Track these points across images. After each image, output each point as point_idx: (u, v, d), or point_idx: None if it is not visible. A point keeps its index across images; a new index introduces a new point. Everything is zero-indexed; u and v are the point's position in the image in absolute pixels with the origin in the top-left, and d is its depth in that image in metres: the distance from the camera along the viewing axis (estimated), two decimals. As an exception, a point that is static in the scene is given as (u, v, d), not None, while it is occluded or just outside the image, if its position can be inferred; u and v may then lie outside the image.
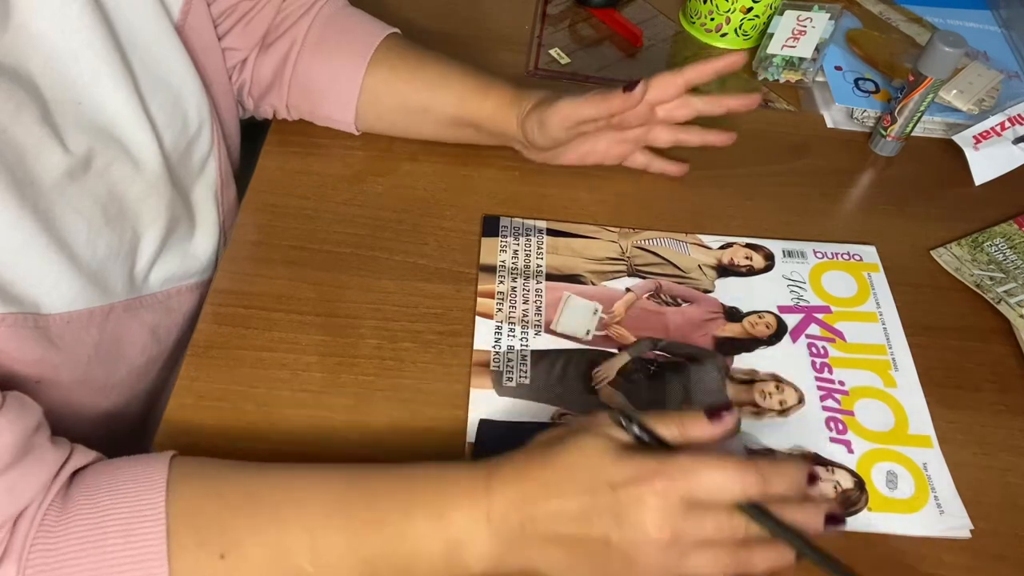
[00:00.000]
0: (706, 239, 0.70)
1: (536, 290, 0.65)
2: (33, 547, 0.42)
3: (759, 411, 0.60)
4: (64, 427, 0.49)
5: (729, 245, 0.70)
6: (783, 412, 0.60)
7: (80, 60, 0.52)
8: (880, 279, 0.69)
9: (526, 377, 0.60)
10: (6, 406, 0.44)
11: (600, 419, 0.47)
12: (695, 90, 0.68)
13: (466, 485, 0.46)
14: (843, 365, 0.63)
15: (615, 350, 0.62)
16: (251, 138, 0.75)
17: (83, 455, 0.47)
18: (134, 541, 0.43)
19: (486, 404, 0.58)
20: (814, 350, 0.64)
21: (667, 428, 0.47)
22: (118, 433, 0.63)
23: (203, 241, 0.66)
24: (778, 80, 0.87)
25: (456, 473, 0.47)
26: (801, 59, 0.85)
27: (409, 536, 0.45)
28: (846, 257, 0.70)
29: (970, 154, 0.78)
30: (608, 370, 0.61)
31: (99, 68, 0.53)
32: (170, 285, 0.63)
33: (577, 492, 0.44)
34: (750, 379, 0.62)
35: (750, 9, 0.87)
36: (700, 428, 0.47)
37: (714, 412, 0.47)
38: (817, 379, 0.62)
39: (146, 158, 0.57)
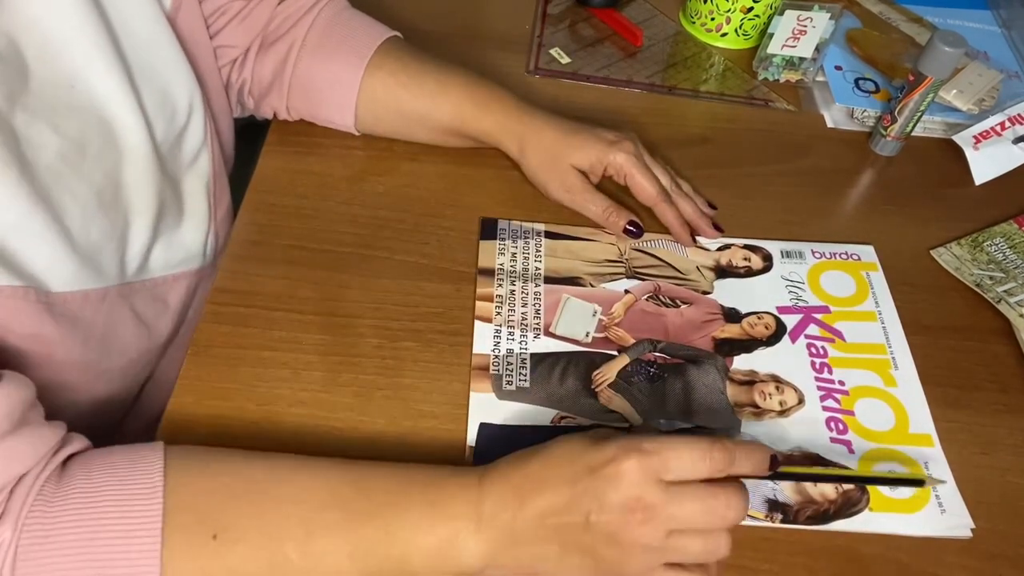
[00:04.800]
0: (704, 240, 0.70)
1: (535, 293, 0.65)
2: (31, 512, 0.42)
3: (759, 412, 0.60)
4: (56, 409, 0.49)
5: (727, 247, 0.70)
6: (783, 413, 0.60)
7: (73, 44, 0.53)
8: (879, 278, 0.69)
9: (526, 380, 0.60)
10: (4, 380, 0.44)
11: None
12: (699, 87, 0.68)
13: (458, 483, 0.47)
14: (843, 365, 0.63)
15: (615, 352, 0.62)
16: (251, 138, 0.75)
17: (79, 441, 0.48)
18: (129, 515, 0.43)
19: (486, 408, 0.58)
20: (813, 350, 0.64)
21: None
22: (104, 421, 0.63)
23: (192, 232, 0.67)
24: (778, 80, 0.87)
25: (449, 473, 0.48)
26: (801, 59, 0.85)
27: (401, 532, 0.45)
28: (844, 257, 0.70)
29: (970, 154, 0.78)
30: (608, 372, 0.61)
31: (91, 53, 0.54)
32: (157, 273, 0.63)
33: (562, 483, 0.45)
34: (750, 380, 0.62)
35: (750, 9, 0.87)
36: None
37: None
38: (817, 379, 0.62)
39: (136, 144, 0.58)
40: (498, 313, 0.63)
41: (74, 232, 0.53)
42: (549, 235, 0.69)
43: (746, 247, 0.70)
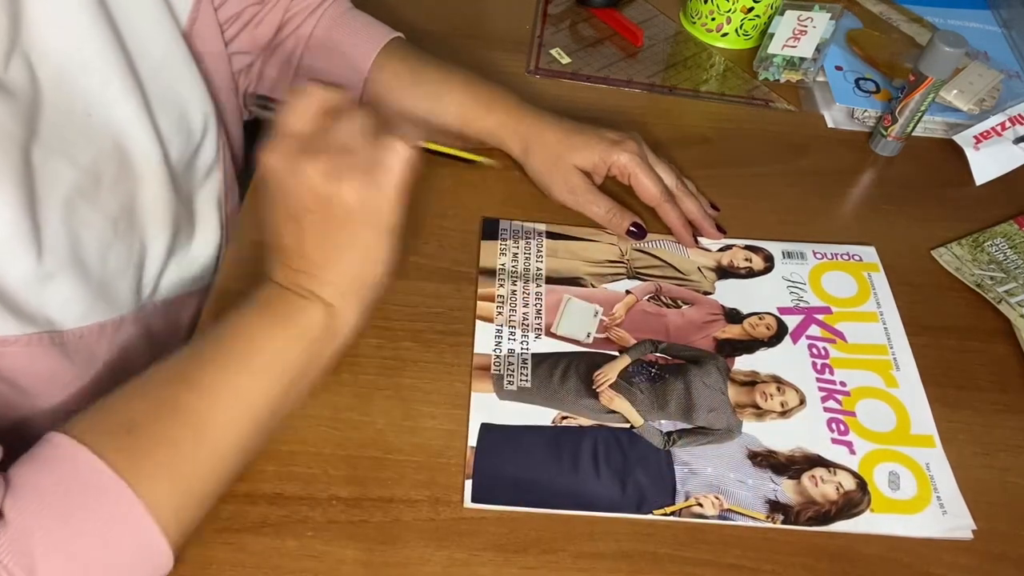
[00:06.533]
0: (705, 241, 0.70)
1: (536, 293, 0.65)
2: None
3: (761, 413, 0.60)
4: None
5: (728, 247, 0.70)
6: (785, 414, 0.60)
7: (90, 71, 0.52)
8: (880, 279, 0.69)
9: (527, 380, 0.60)
10: None
11: None
12: (699, 87, 0.68)
13: (263, 295, 0.50)
14: (844, 366, 0.63)
15: (616, 352, 0.62)
16: (251, 138, 0.75)
17: None
18: (81, 483, 0.42)
19: (487, 408, 0.58)
20: (815, 351, 0.64)
21: None
22: None
23: (205, 248, 0.66)
24: (778, 80, 0.87)
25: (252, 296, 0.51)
26: (802, 59, 0.85)
27: (255, 341, 0.48)
28: (845, 257, 0.70)
29: (971, 154, 0.78)
30: (609, 373, 0.61)
31: (109, 78, 0.53)
32: (173, 293, 0.63)
33: (286, 225, 0.49)
34: (751, 381, 0.62)
35: (751, 9, 0.87)
36: None
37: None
38: (818, 380, 0.62)
39: (152, 168, 0.57)
40: (499, 313, 0.63)
41: (91, 265, 0.52)
42: (550, 235, 0.69)
43: (747, 248, 0.70)
